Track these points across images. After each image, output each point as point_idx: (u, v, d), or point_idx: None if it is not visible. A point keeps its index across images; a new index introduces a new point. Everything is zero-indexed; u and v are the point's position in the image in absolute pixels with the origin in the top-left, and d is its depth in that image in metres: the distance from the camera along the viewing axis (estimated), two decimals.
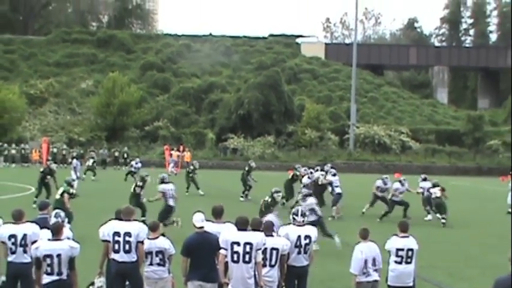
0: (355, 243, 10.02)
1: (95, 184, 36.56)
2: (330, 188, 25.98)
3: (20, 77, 76.14)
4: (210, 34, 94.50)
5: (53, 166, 27.48)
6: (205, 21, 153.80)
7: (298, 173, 28.50)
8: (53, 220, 10.17)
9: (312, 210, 16.79)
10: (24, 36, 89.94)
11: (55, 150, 56.22)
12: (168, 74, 79.93)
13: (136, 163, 41.98)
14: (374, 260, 9.84)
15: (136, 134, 64.91)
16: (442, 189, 24.14)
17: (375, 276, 9.85)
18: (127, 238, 9.57)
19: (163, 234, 10.36)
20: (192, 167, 33.38)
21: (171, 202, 18.67)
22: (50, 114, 69.84)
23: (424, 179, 26.24)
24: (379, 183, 25.50)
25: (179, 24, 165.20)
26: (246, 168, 31.35)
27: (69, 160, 51.01)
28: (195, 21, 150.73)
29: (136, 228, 9.71)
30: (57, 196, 18.44)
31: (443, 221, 23.34)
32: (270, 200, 17.06)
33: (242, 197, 30.10)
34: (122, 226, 9.71)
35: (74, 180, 20.52)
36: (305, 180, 25.83)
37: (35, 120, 67.13)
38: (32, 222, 10.06)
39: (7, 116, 59.95)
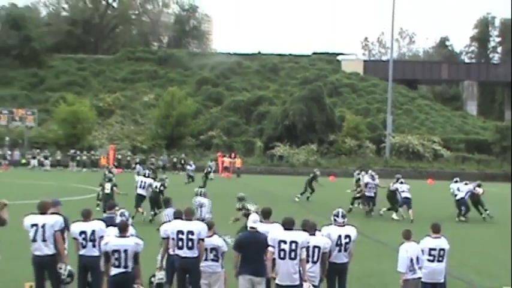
0: (399, 244, 9.94)
1: None
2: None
3: (90, 92, 77.38)
4: (259, 52, 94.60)
5: (113, 170, 28.07)
6: (255, 40, 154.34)
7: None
8: (118, 219, 10.33)
9: None
10: (94, 56, 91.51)
11: (120, 156, 57.09)
12: (221, 88, 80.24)
13: (190, 165, 42.83)
14: (418, 258, 9.78)
15: (192, 143, 65.19)
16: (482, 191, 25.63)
17: (419, 273, 9.78)
18: (190, 236, 9.70)
19: (216, 233, 10.42)
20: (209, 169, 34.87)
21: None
22: (116, 125, 70.67)
23: (466, 184, 26.27)
24: (366, 179, 26.41)
25: (231, 43, 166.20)
26: (311, 175, 31.77)
27: (133, 165, 51.86)
28: (246, 40, 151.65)
29: (198, 227, 9.83)
30: (107, 190, 20.70)
31: (488, 213, 25.35)
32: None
33: (298, 197, 30.57)
34: (185, 225, 9.82)
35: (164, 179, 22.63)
36: (367, 179, 26.49)
37: (103, 130, 67.88)
38: (99, 220, 10.23)
39: (79, 126, 60.90)
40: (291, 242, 9.06)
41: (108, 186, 21.50)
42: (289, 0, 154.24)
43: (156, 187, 21.72)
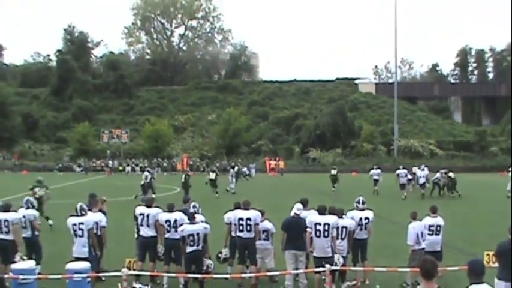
0: (408, 223, 9.87)
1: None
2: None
3: (168, 114, 78.32)
4: (295, 79, 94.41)
5: (190, 173, 28.89)
6: (291, 70, 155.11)
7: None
8: (191, 210, 10.47)
9: None
10: (171, 87, 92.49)
11: (192, 162, 57.58)
12: (267, 108, 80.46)
13: (248, 168, 43.33)
14: (422, 233, 9.71)
15: (245, 150, 65.47)
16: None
17: (423, 245, 9.72)
18: (248, 222, 9.73)
19: (267, 219, 10.47)
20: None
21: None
22: (188, 138, 71.31)
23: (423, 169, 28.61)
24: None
25: (273, 73, 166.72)
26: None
27: (201, 169, 52.48)
28: (284, 69, 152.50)
29: (254, 215, 9.83)
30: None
31: (459, 193, 26.78)
32: None
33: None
34: (244, 213, 9.84)
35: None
36: (420, 173, 28.20)
37: (178, 143, 68.44)
38: (179, 211, 10.38)
39: (160, 140, 61.62)
40: (324, 223, 9.09)
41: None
42: (317, 38, 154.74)
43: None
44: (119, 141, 63.05)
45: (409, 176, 28.71)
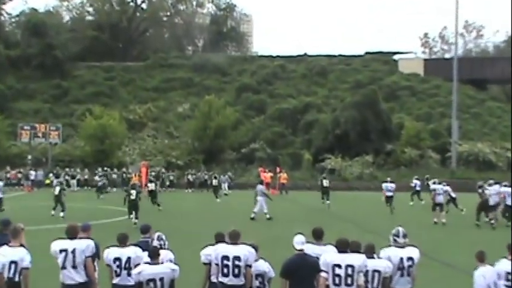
0: (473, 268, 9.79)
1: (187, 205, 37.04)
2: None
3: (119, 103, 78.39)
4: (305, 54, 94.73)
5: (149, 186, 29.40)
6: (300, 41, 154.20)
7: None
8: (155, 243, 10.38)
9: None
10: (123, 63, 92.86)
11: (153, 173, 57.39)
12: (264, 96, 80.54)
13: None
14: (496, 284, 9.56)
15: (232, 156, 65.53)
16: None
17: None
18: (236, 262, 9.63)
19: (262, 258, 10.40)
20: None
21: None
22: (148, 139, 71.02)
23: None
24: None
25: (274, 45, 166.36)
26: None
27: (167, 183, 52.50)
28: (290, 41, 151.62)
29: (246, 252, 9.74)
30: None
31: None
32: None
33: None
34: (231, 250, 9.75)
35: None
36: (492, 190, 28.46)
37: (134, 145, 68.32)
38: (135, 245, 10.27)
39: (108, 141, 61.39)
40: (347, 266, 9.01)
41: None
42: None
43: None
44: (45, 142, 62.94)
45: (452, 194, 30.26)
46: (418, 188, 39.95)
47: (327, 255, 9.31)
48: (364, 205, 39.43)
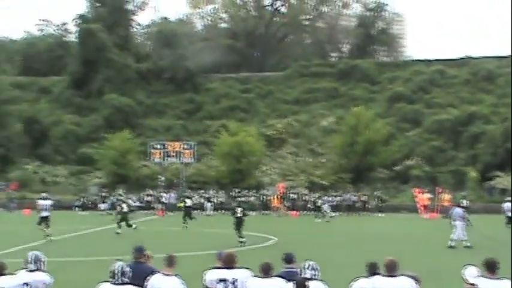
0: None
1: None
2: None
3: (257, 118, 79.65)
4: (469, 57, 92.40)
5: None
6: (462, 42, 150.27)
7: None
8: (307, 273, 10.09)
9: None
10: (260, 74, 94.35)
11: (295, 196, 57.28)
12: (420, 106, 79.45)
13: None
14: None
15: (384, 175, 64.92)
16: None
17: None
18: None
19: None
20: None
21: None
22: (289, 157, 71.35)
23: None
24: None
25: (431, 48, 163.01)
26: None
27: (310, 206, 52.51)
28: (450, 42, 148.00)
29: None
30: None
31: None
32: None
33: None
34: (390, 282, 9.63)
35: None
36: None
37: (273, 164, 68.76)
38: (277, 276, 10.08)
39: (245, 160, 62.05)
40: None
41: None
42: None
43: None
44: (178, 162, 64.17)
45: None
46: None
47: None
48: None
